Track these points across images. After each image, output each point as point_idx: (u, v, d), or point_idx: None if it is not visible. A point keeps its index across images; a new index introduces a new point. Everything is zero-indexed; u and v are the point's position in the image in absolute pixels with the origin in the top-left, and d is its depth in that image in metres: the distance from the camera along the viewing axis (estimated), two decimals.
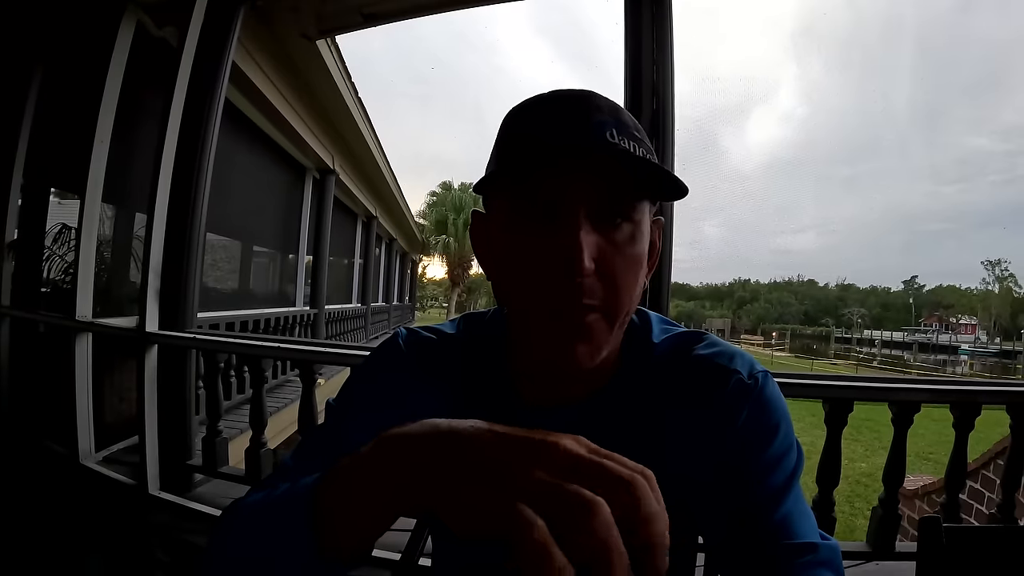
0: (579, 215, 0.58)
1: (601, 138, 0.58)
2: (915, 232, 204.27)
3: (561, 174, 0.58)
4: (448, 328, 0.82)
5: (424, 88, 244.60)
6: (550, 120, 0.62)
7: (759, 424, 0.66)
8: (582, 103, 0.62)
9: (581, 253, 0.56)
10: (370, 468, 0.42)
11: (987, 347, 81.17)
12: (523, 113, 0.66)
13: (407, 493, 0.39)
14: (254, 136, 6.87)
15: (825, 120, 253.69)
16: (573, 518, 0.32)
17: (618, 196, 0.60)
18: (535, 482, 0.35)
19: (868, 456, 13.16)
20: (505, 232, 0.64)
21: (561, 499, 0.33)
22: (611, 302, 0.60)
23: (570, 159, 0.58)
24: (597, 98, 0.63)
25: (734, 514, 0.63)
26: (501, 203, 0.65)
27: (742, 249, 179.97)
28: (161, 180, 2.83)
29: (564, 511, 0.33)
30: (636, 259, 0.62)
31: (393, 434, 0.42)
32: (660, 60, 2.32)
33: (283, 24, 4.32)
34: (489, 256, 0.71)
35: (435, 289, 63.08)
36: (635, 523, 0.34)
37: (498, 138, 0.68)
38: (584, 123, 0.60)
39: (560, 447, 0.36)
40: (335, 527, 0.43)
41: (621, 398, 0.70)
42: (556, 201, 0.59)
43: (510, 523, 0.33)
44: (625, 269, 0.61)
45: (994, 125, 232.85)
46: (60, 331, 3.40)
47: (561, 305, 0.59)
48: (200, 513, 2.70)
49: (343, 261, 14.34)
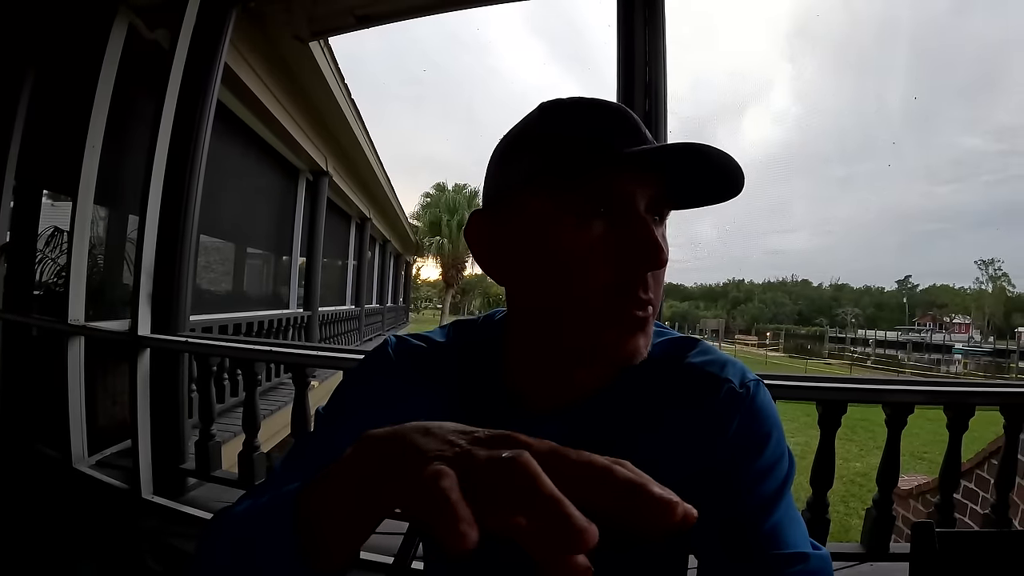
0: (644, 210, 0.62)
1: (665, 144, 0.61)
2: (909, 232, 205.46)
3: (625, 171, 0.61)
4: (438, 336, 0.81)
5: (417, 89, 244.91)
6: (609, 125, 0.64)
7: (750, 433, 0.66)
8: (626, 111, 0.66)
9: (660, 244, 0.60)
10: (351, 470, 0.41)
11: (981, 346, 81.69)
12: (570, 115, 0.66)
13: (387, 494, 0.38)
14: (247, 138, 6.85)
15: (820, 120, 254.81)
16: (494, 476, 0.32)
17: (663, 196, 0.64)
18: (467, 455, 0.34)
19: (863, 456, 13.22)
20: (548, 225, 0.64)
21: (485, 462, 0.33)
22: (657, 298, 0.64)
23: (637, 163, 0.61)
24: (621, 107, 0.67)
25: (725, 523, 0.62)
26: (539, 200, 0.65)
27: (736, 249, 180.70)
28: (153, 182, 2.81)
29: (487, 473, 0.32)
30: (667, 261, 0.64)
31: (372, 435, 0.41)
32: (653, 61, 2.32)
33: (276, 26, 4.31)
34: (503, 258, 0.71)
35: (429, 291, 63.15)
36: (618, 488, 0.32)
37: (537, 135, 0.68)
38: (639, 130, 0.65)
39: (519, 437, 0.35)
40: (319, 532, 0.42)
41: (615, 403, 0.70)
42: (624, 196, 0.61)
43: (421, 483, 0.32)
44: (663, 270, 0.65)
45: (988, 125, 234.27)
46: (52, 335, 3.38)
47: (629, 297, 0.61)
48: (193, 517, 2.68)
49: (337, 263, 14.33)
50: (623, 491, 0.31)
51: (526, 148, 0.67)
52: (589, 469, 0.32)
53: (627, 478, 0.31)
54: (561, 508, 0.29)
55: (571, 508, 0.29)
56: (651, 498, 0.30)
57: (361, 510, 0.40)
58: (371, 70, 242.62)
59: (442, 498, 0.30)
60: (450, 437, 0.37)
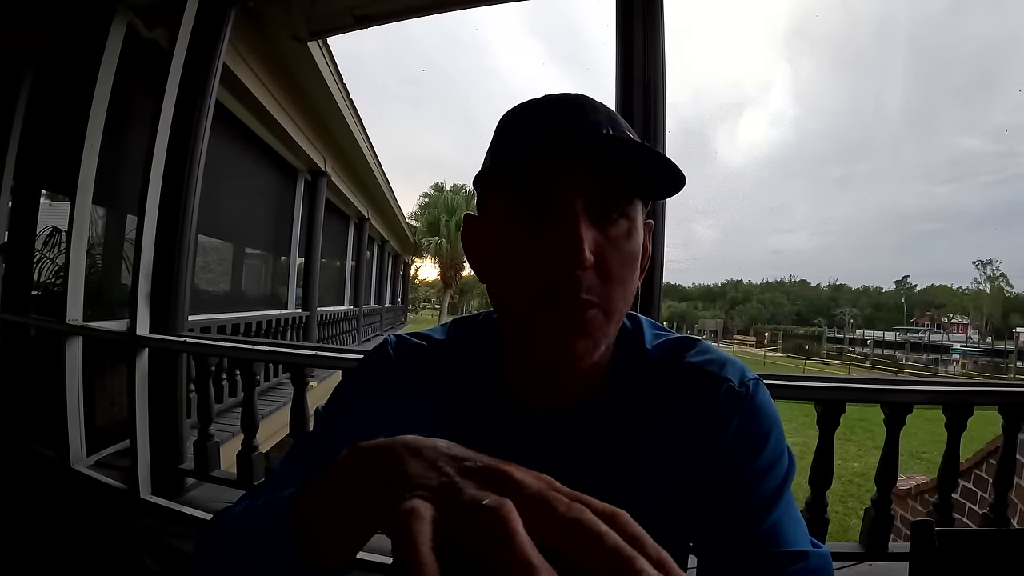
0: (577, 209, 0.58)
1: (597, 133, 0.59)
2: (907, 232, 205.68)
3: (558, 168, 0.59)
4: (438, 334, 0.81)
5: (416, 89, 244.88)
6: (546, 119, 0.63)
7: (750, 432, 0.66)
8: (577, 104, 0.63)
9: (582, 244, 0.56)
10: (343, 478, 0.41)
11: (979, 346, 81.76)
12: (519, 114, 0.66)
13: (376, 505, 0.38)
14: (245, 138, 6.84)
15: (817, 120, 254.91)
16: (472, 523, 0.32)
17: (614, 191, 0.60)
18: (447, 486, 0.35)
19: (861, 456, 13.22)
20: (501, 228, 0.64)
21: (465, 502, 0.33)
22: (608, 298, 0.60)
23: (567, 154, 0.58)
24: (591, 100, 0.64)
25: (725, 522, 0.62)
26: (496, 201, 0.65)
27: (734, 250, 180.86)
28: (152, 182, 2.81)
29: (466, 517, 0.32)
30: (632, 256, 0.62)
31: (361, 446, 0.42)
32: (651, 62, 2.32)
33: (274, 26, 4.31)
34: (483, 258, 0.71)
35: (427, 291, 63.07)
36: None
37: (494, 138, 0.68)
38: (580, 120, 0.61)
39: (510, 475, 0.35)
40: (315, 537, 0.42)
41: (614, 403, 0.70)
42: (554, 196, 0.59)
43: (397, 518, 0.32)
44: (622, 265, 0.61)
45: (986, 126, 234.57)
46: (51, 335, 3.38)
47: (561, 299, 0.59)
48: (192, 517, 2.68)
49: (335, 263, 14.32)
50: (610, 562, 0.30)
51: (490, 149, 0.68)
52: (577, 527, 0.31)
53: (615, 548, 0.30)
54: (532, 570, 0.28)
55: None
56: None
57: (355, 515, 0.40)
58: (370, 70, 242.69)
59: (411, 543, 0.30)
60: (439, 463, 0.37)
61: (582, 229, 0.57)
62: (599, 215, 0.60)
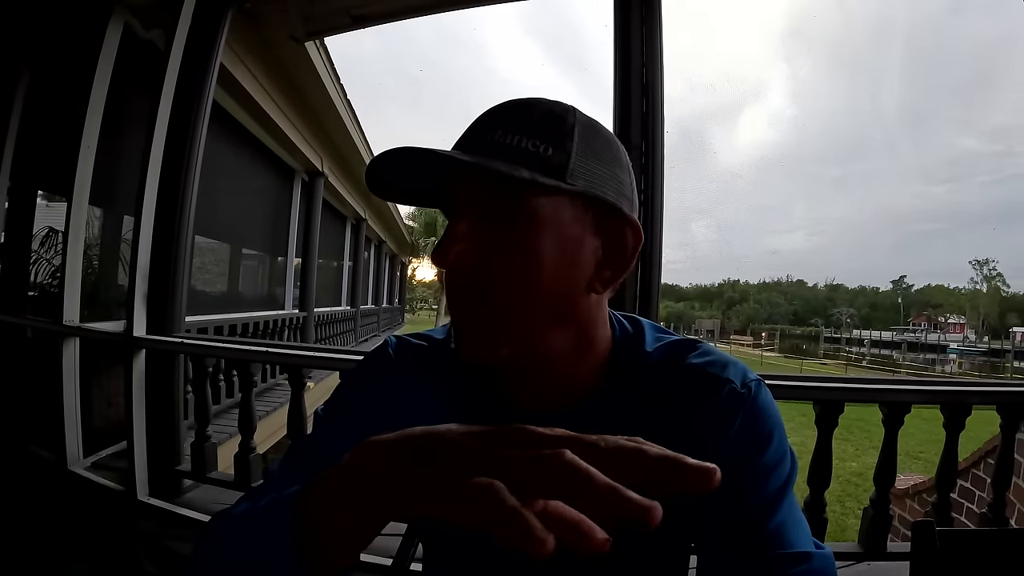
0: (459, 212, 0.62)
1: (479, 142, 0.61)
2: (904, 232, 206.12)
3: (451, 181, 0.63)
4: (439, 334, 0.81)
5: (414, 89, 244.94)
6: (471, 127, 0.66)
7: (752, 433, 0.66)
8: (488, 111, 0.65)
9: (447, 242, 0.60)
10: (351, 476, 0.41)
11: (976, 346, 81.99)
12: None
13: (388, 500, 0.39)
14: (242, 139, 6.84)
15: (815, 121, 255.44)
16: (537, 475, 0.33)
17: (503, 192, 0.60)
18: (496, 457, 0.35)
19: (859, 456, 13.24)
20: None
21: (522, 462, 0.34)
22: (494, 298, 0.61)
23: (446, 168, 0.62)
24: (510, 102, 0.65)
25: (727, 523, 0.62)
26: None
27: (731, 250, 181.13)
28: (149, 182, 2.80)
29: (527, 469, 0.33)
30: (527, 253, 0.61)
31: (373, 441, 0.41)
32: (649, 62, 2.32)
33: (271, 26, 4.30)
34: None
35: (425, 291, 62.84)
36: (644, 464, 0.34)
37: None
38: (470, 132, 0.64)
39: (530, 430, 0.37)
40: (320, 537, 0.42)
41: (613, 406, 0.69)
42: (448, 202, 0.64)
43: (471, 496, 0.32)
44: (509, 263, 0.61)
45: (983, 126, 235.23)
46: (47, 336, 3.37)
47: (448, 298, 0.64)
48: (189, 519, 2.67)
49: (332, 264, 14.30)
50: (659, 467, 0.33)
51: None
52: (621, 452, 0.34)
53: (660, 454, 0.34)
54: (621, 494, 0.31)
55: (630, 492, 0.31)
56: (690, 468, 0.33)
57: (361, 515, 0.40)
58: (367, 70, 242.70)
59: (510, 510, 0.30)
60: (467, 442, 0.37)
61: (451, 230, 0.61)
62: (489, 217, 0.61)
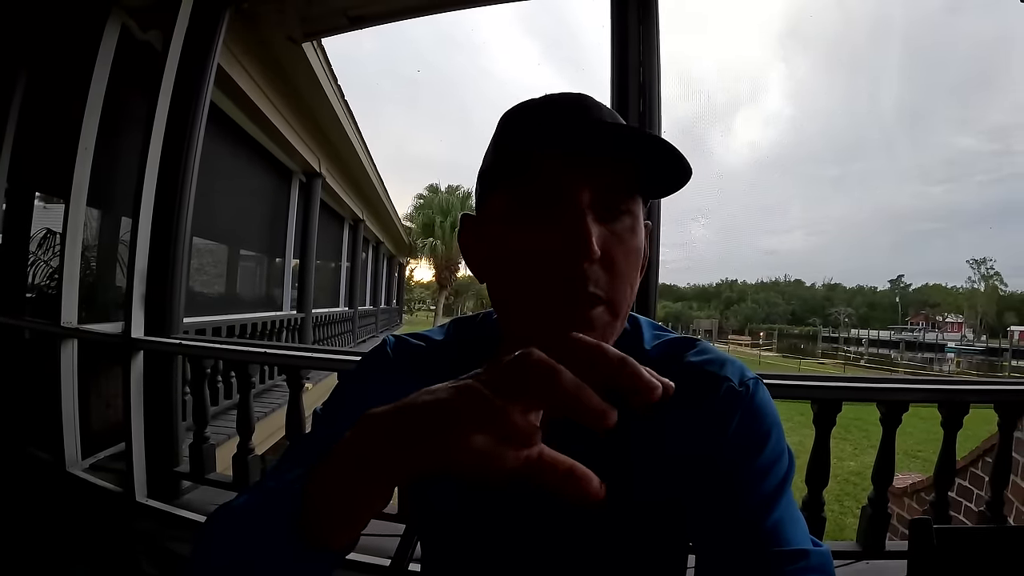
0: (583, 203, 0.59)
1: (603, 126, 0.60)
2: (902, 232, 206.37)
3: (564, 162, 0.59)
4: (436, 334, 0.82)
5: (411, 90, 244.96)
6: (550, 116, 0.64)
7: (750, 431, 0.66)
8: (580, 101, 0.64)
9: (590, 236, 0.57)
10: (354, 449, 0.42)
11: (974, 345, 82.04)
12: (521, 112, 0.67)
13: (392, 466, 0.39)
14: (240, 140, 6.83)
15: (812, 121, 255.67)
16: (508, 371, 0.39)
17: (618, 187, 0.61)
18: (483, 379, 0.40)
19: (857, 455, 13.23)
20: (506, 224, 0.64)
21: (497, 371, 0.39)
22: (615, 294, 0.61)
23: (571, 151, 0.59)
24: (592, 99, 0.65)
25: (725, 521, 0.62)
26: (499, 197, 0.66)
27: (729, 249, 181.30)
28: (146, 184, 2.79)
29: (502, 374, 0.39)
30: (636, 252, 0.63)
31: (372, 412, 0.43)
32: (647, 62, 2.32)
33: (269, 27, 4.29)
34: (481, 257, 0.71)
35: (423, 292, 62.81)
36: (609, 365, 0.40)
37: (495, 136, 0.69)
38: (583, 116, 0.62)
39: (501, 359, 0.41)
40: (321, 515, 0.43)
41: (615, 403, 0.69)
42: (561, 190, 0.60)
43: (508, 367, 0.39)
44: (627, 260, 0.62)
45: (982, 126, 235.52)
46: (45, 337, 3.36)
47: (569, 294, 0.60)
48: (188, 520, 2.66)
49: (330, 265, 14.29)
50: (615, 365, 0.40)
51: (489, 152, 0.68)
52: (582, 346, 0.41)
53: (617, 355, 0.40)
54: (585, 392, 0.38)
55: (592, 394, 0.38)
56: (637, 373, 0.40)
57: (364, 488, 0.41)
58: (365, 71, 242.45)
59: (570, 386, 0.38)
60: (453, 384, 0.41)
61: (589, 222, 0.58)
62: (604, 210, 0.60)
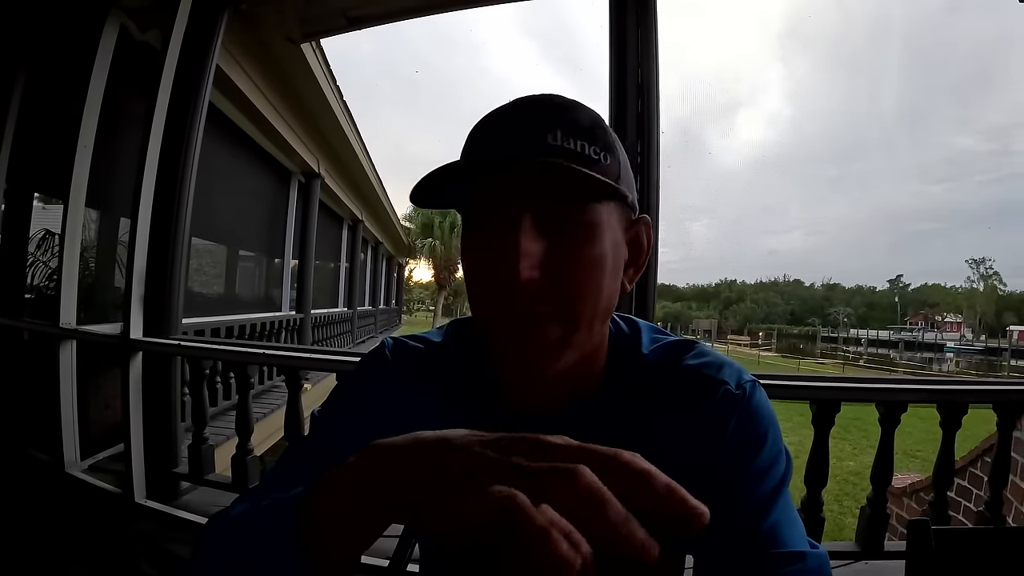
0: (521, 221, 0.57)
1: (538, 143, 0.58)
2: (901, 232, 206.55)
3: (500, 184, 0.59)
4: (435, 336, 0.81)
5: (410, 90, 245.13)
6: (493, 131, 0.63)
7: (747, 433, 0.66)
8: (527, 109, 0.62)
9: (518, 259, 0.55)
10: (357, 477, 0.41)
11: (973, 344, 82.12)
12: (477, 126, 0.65)
13: (394, 502, 0.38)
14: (239, 140, 6.83)
15: (812, 121, 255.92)
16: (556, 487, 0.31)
17: (566, 195, 0.58)
18: (512, 466, 0.34)
19: (856, 455, 13.24)
20: (463, 242, 0.65)
21: (541, 475, 0.32)
22: (569, 308, 0.60)
23: (503, 170, 0.58)
24: (548, 101, 0.63)
25: (723, 523, 0.62)
26: (464, 213, 0.66)
27: (728, 250, 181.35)
28: (145, 184, 2.79)
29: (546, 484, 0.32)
30: (596, 259, 0.60)
31: (380, 444, 0.41)
32: (645, 62, 2.33)
33: (267, 27, 4.29)
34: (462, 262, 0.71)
35: (422, 292, 62.83)
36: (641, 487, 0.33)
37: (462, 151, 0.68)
38: (521, 130, 0.60)
39: (542, 440, 0.35)
40: (322, 538, 0.42)
41: (607, 408, 0.69)
42: (499, 209, 0.59)
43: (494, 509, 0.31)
44: (581, 271, 0.59)
45: (981, 125, 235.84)
46: (44, 338, 3.36)
47: (508, 313, 0.59)
48: (187, 521, 2.67)
49: (329, 265, 14.28)
50: (662, 495, 0.32)
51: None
52: (628, 472, 0.33)
53: (665, 484, 0.33)
54: (630, 529, 0.30)
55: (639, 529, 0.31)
56: (688, 505, 0.33)
57: (365, 518, 0.40)
58: (363, 71, 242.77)
59: (537, 528, 0.29)
60: (474, 448, 0.36)
61: (523, 241, 0.56)
62: (552, 223, 0.59)
